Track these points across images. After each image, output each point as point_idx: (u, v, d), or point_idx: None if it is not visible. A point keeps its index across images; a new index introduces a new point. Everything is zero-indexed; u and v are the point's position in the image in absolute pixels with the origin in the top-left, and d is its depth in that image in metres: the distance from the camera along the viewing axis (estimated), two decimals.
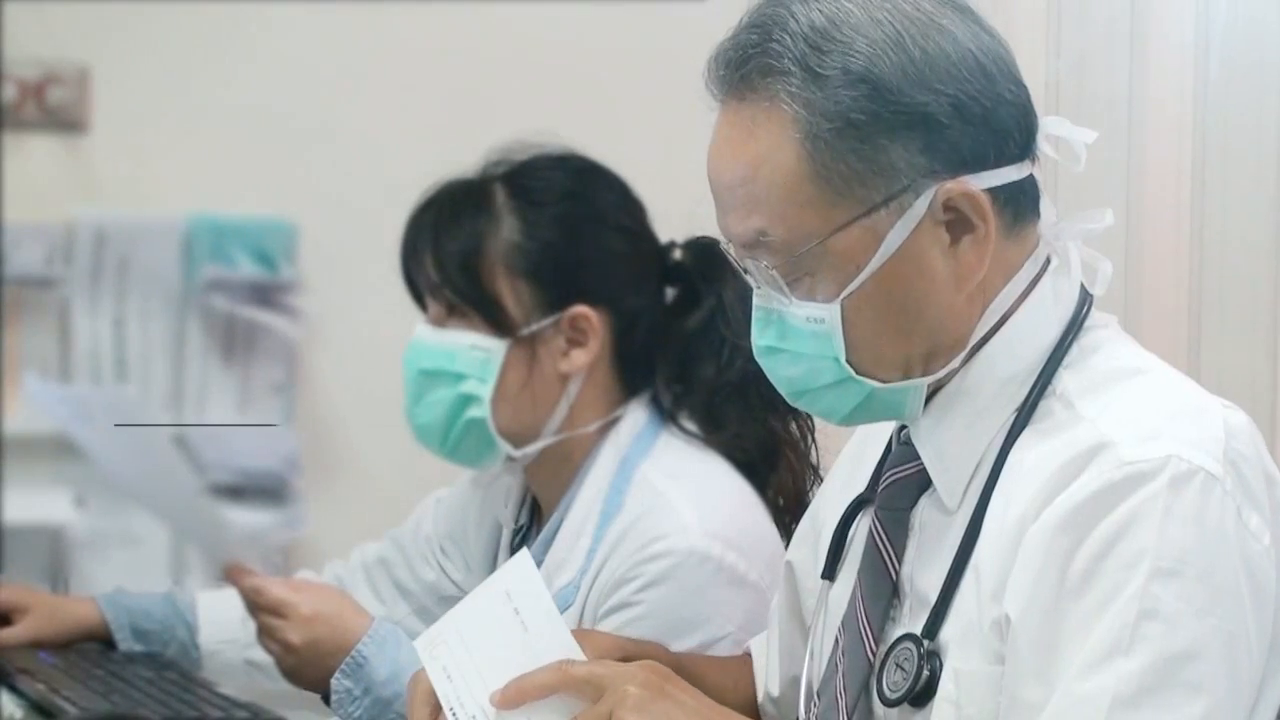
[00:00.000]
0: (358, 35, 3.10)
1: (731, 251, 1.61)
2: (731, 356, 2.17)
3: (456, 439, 2.18)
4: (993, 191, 1.56)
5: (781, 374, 1.63)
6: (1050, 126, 1.60)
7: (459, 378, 2.16)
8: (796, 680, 1.76)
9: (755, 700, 1.89)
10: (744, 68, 1.56)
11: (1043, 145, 1.60)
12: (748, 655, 1.94)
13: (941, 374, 1.60)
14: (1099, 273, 1.63)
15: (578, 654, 1.62)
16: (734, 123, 1.58)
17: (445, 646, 1.65)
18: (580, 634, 1.68)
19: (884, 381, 1.59)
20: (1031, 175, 1.60)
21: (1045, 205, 1.62)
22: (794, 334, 1.59)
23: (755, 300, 1.62)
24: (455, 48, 3.13)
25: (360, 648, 2.07)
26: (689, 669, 1.73)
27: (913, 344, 1.58)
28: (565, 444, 2.19)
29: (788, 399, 1.65)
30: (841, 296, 1.56)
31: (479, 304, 2.16)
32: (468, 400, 2.16)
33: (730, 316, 2.17)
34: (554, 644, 1.62)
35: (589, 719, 1.56)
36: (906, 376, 1.59)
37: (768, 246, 1.57)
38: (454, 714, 1.62)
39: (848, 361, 1.58)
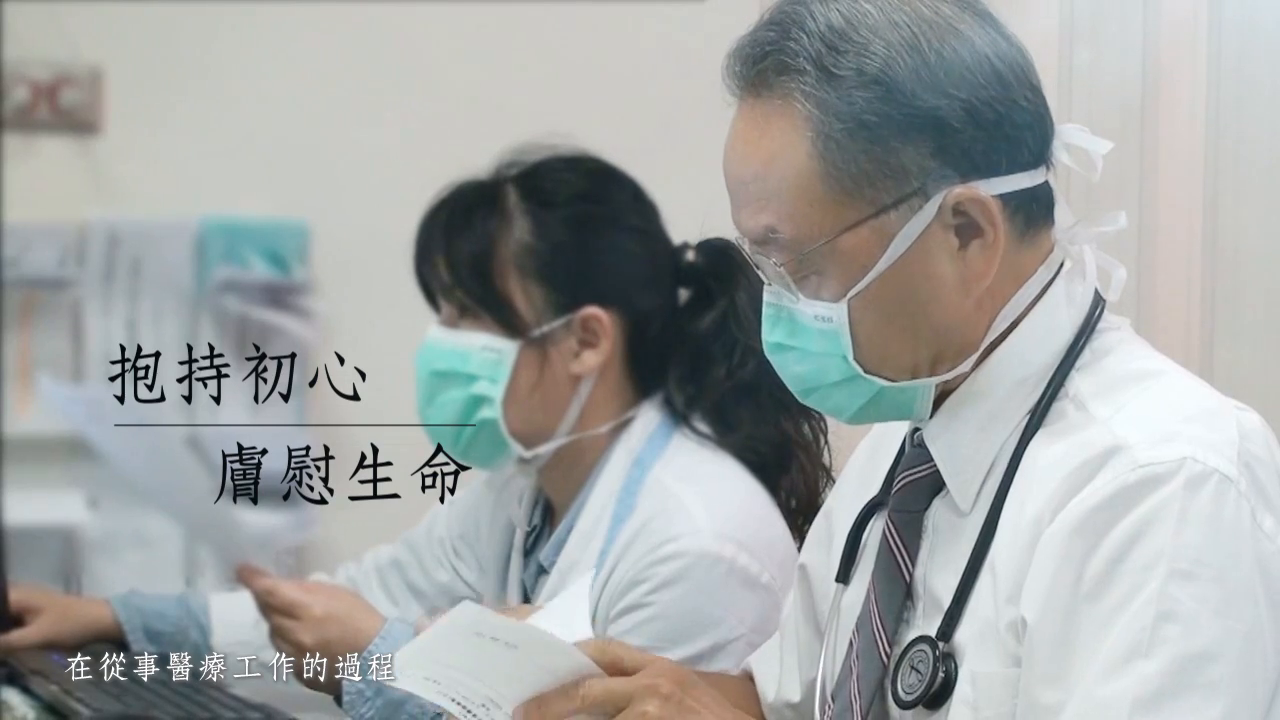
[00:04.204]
0: (370, 36, 3.10)
1: (746, 247, 1.62)
2: (744, 358, 2.17)
3: (468, 440, 2.18)
4: (1004, 198, 1.56)
5: (790, 371, 1.63)
6: (1067, 135, 1.60)
7: (471, 379, 2.16)
8: (815, 684, 1.76)
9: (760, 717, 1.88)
10: (760, 65, 1.57)
11: (1059, 153, 1.60)
12: (747, 676, 1.92)
13: (950, 376, 1.59)
14: (1113, 278, 1.62)
15: (582, 659, 1.55)
16: (749, 119, 1.58)
17: (417, 666, 1.59)
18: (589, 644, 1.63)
19: (892, 380, 1.59)
20: (1046, 182, 1.59)
21: (1061, 210, 1.61)
22: (802, 331, 1.59)
23: (766, 297, 1.62)
24: (467, 49, 3.13)
25: (372, 649, 2.07)
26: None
27: (919, 346, 1.58)
28: (577, 445, 2.19)
29: (797, 396, 1.64)
30: (848, 296, 1.56)
31: (491, 305, 2.16)
32: (479, 401, 2.16)
33: (743, 318, 2.17)
34: (548, 651, 1.54)
35: None
36: (914, 377, 1.59)
37: (777, 243, 1.57)
38: (461, 705, 1.56)
39: (856, 360, 1.58)
